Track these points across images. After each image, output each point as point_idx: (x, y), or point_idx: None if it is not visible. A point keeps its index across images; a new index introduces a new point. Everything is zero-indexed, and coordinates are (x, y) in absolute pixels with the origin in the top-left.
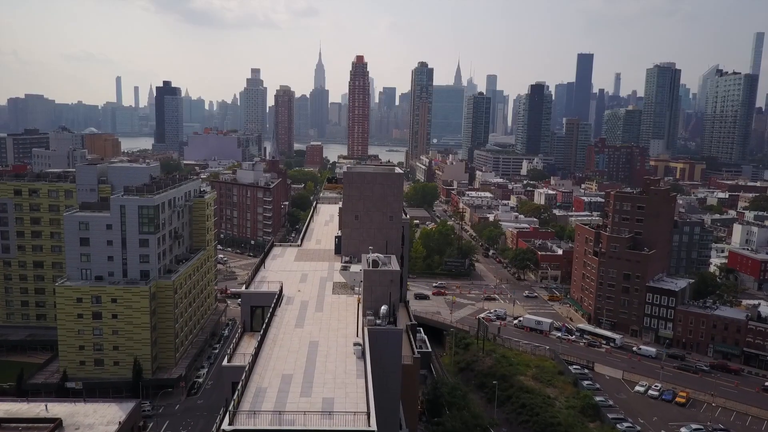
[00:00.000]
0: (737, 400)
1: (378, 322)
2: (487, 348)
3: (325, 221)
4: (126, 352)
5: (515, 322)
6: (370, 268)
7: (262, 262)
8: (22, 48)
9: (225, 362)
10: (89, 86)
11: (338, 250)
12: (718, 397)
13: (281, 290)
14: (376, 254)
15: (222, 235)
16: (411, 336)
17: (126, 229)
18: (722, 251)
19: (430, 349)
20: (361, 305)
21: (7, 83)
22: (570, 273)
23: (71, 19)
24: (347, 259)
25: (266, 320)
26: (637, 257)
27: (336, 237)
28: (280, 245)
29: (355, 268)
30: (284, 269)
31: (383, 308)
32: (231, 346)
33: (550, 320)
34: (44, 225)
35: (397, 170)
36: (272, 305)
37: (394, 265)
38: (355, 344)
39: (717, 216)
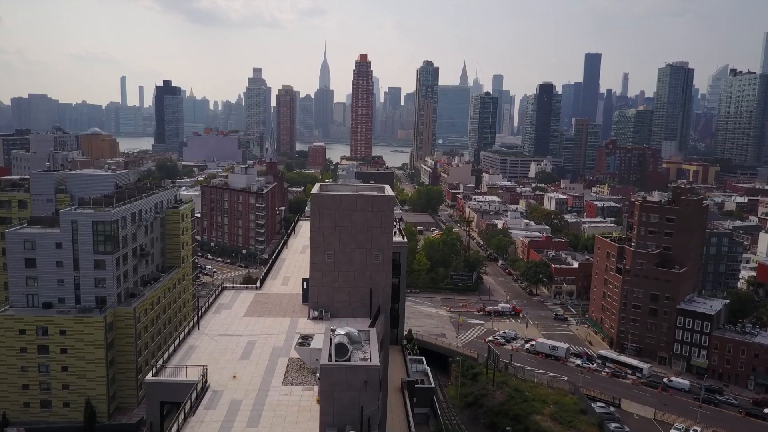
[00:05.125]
0: None
1: None
2: (498, 379)
3: (303, 247)
4: (77, 392)
5: (527, 346)
6: (333, 360)
7: (197, 323)
8: (27, 47)
9: None
10: (94, 86)
11: (306, 297)
12: None
13: (205, 378)
14: (346, 330)
15: (212, 244)
16: (407, 397)
17: (79, 249)
18: (747, 262)
19: (433, 384)
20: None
21: (12, 83)
22: (586, 287)
23: (76, 19)
24: (316, 314)
25: None
26: (667, 276)
27: (304, 279)
28: (233, 288)
29: (317, 340)
30: (226, 331)
31: None
32: None
33: (566, 345)
34: None
35: (387, 190)
36: (185, 408)
37: (373, 352)
38: None
39: (739, 223)
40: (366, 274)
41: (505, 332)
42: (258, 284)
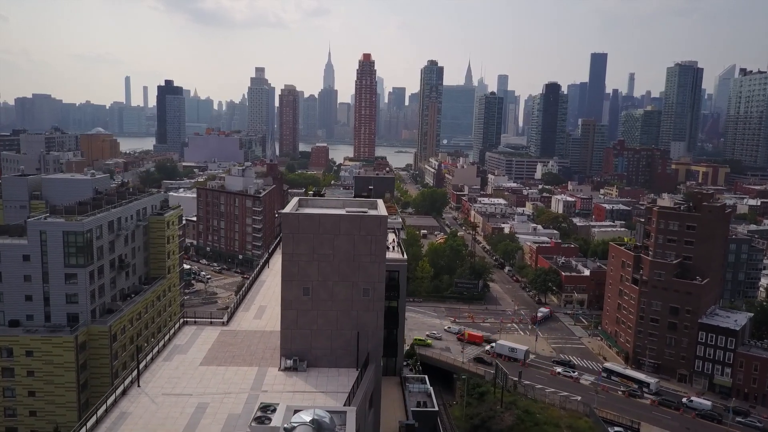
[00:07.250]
0: None
1: None
2: (507, 399)
3: None
4: (46, 419)
5: (487, 348)
6: None
7: (137, 377)
8: (32, 48)
9: None
10: (98, 86)
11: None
12: None
13: None
14: (312, 415)
15: (208, 249)
16: None
17: (48, 261)
18: (765, 269)
19: (436, 408)
20: None
21: (16, 83)
22: (598, 297)
23: (80, 19)
24: (289, 363)
25: None
26: (688, 288)
27: None
28: (195, 323)
29: (280, 414)
30: (173, 389)
31: None
32: None
33: (525, 347)
34: None
35: (380, 207)
36: None
37: None
38: None
39: (754, 227)
40: (352, 313)
41: (449, 327)
42: (225, 318)
